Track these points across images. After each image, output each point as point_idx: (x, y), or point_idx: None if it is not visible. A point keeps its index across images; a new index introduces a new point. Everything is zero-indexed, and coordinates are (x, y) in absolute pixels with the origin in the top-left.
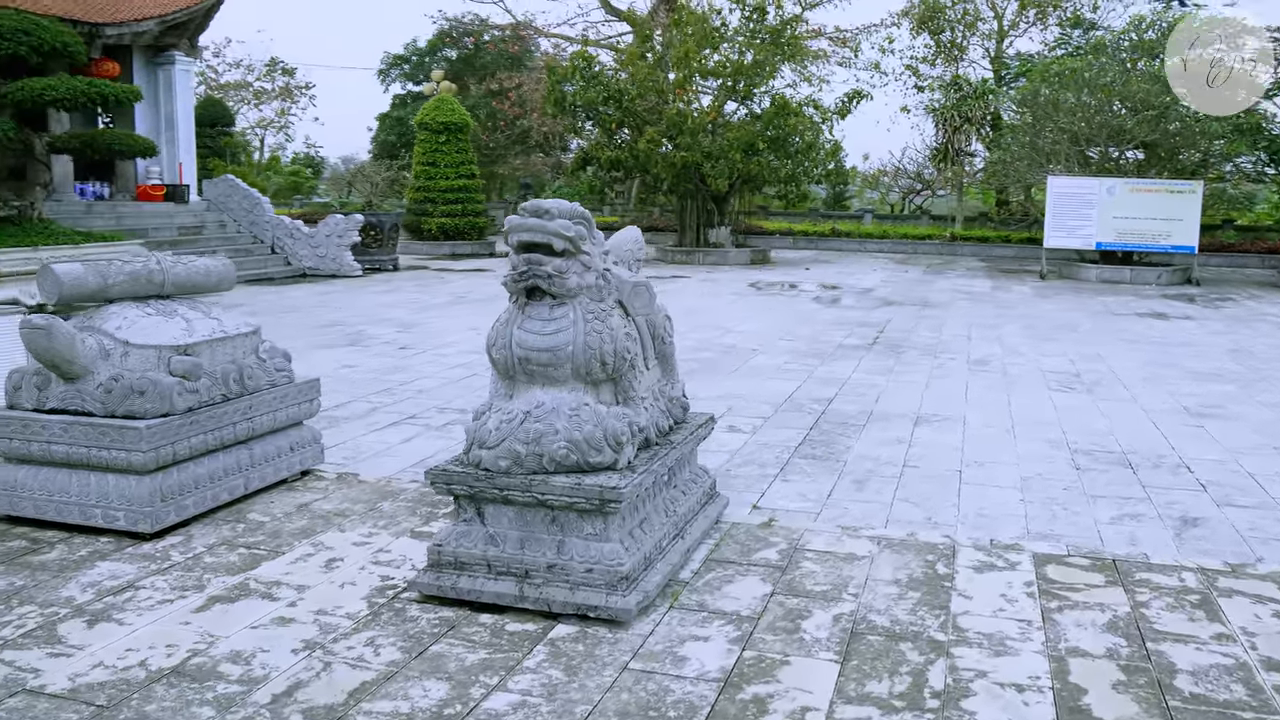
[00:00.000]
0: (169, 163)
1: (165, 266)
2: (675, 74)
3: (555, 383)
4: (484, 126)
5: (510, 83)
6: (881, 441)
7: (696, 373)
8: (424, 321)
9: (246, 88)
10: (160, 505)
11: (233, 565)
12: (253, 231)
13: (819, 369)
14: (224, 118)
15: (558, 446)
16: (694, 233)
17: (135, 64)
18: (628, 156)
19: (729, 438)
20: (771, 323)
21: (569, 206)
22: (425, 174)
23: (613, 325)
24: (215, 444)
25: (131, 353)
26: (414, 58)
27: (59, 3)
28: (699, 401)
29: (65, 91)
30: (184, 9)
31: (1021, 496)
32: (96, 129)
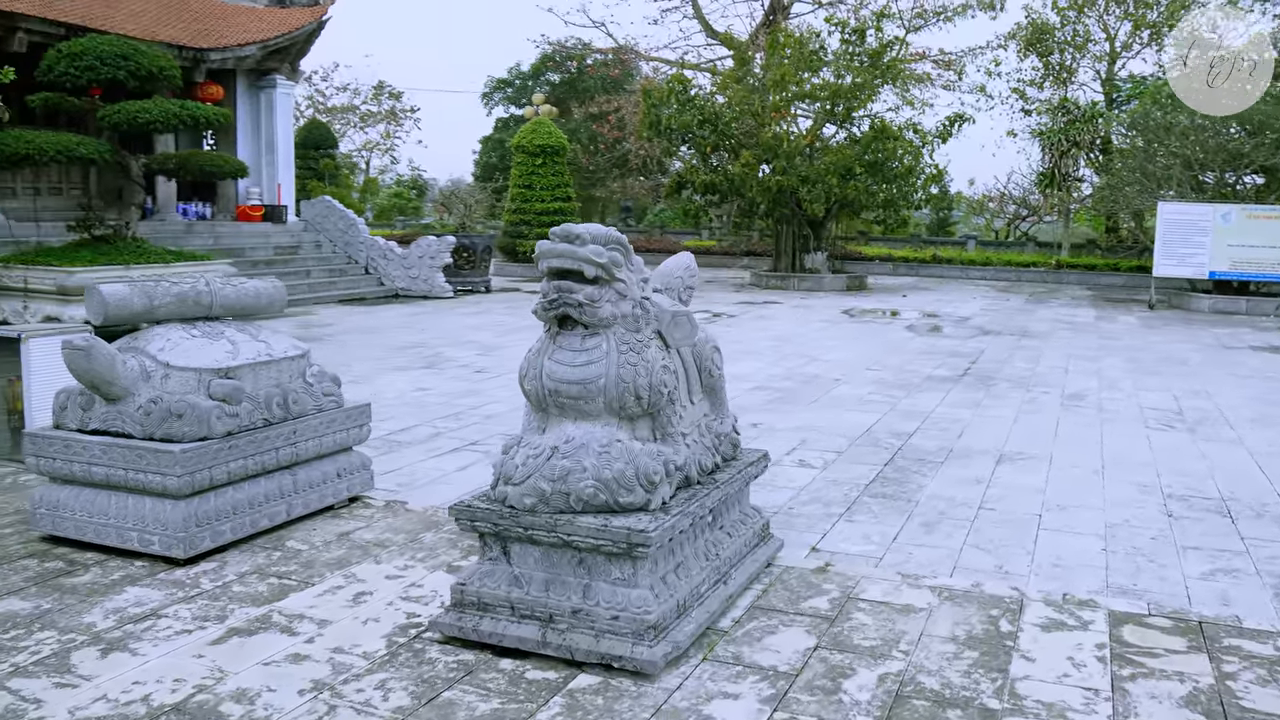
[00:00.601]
0: (268, 184)
1: (214, 288)
2: (771, 97)
3: (587, 416)
4: (585, 150)
5: (609, 106)
6: (958, 481)
7: (774, 403)
8: (505, 345)
9: (353, 111)
10: (195, 530)
11: (259, 596)
12: (347, 252)
13: (903, 401)
14: (327, 140)
15: (585, 485)
16: (790, 258)
17: (239, 87)
18: (722, 180)
19: (798, 473)
20: (860, 352)
21: (602, 231)
22: (521, 196)
23: (649, 357)
24: (256, 469)
25: (172, 375)
26: (517, 81)
27: (166, 29)
28: (772, 434)
29: (159, 114)
30: (285, 34)
31: (1104, 545)
32: (190, 151)
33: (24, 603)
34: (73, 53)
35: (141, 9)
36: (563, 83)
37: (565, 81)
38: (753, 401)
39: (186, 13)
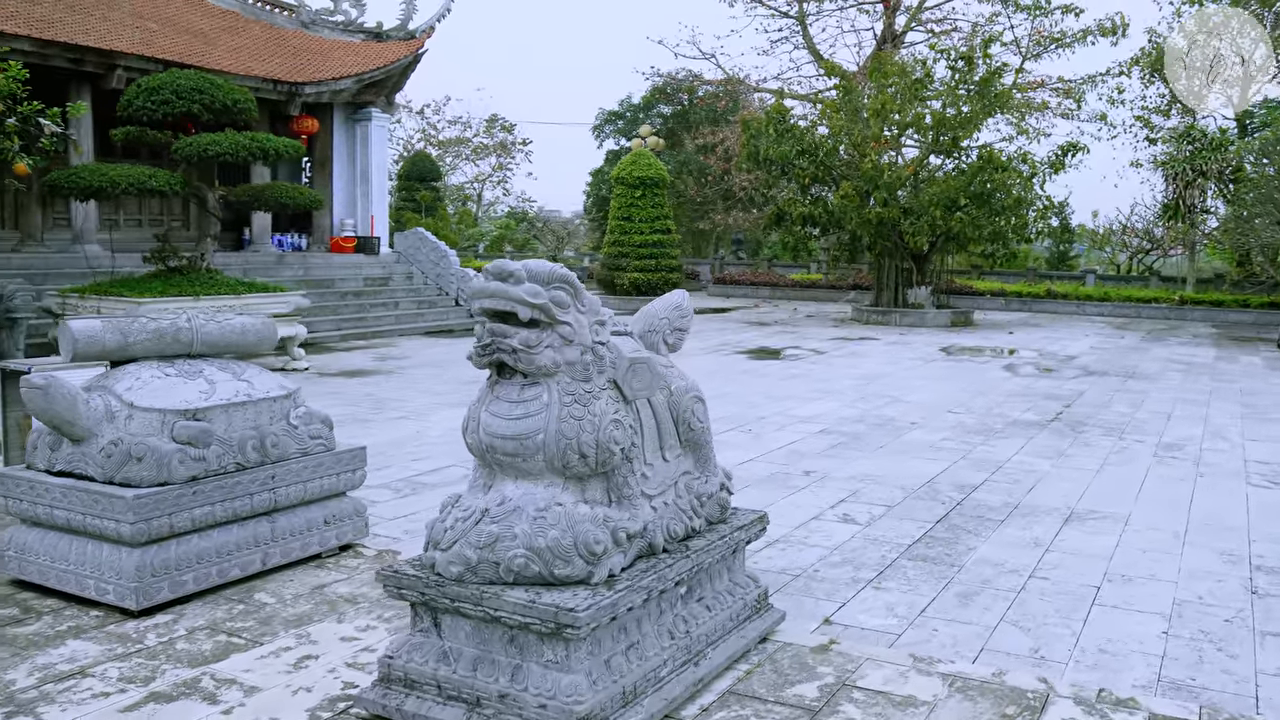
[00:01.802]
0: (363, 215)
1: (195, 325)
2: (872, 126)
3: (528, 475)
4: (696, 181)
5: (714, 138)
6: (1014, 543)
7: (837, 448)
8: None
9: (465, 144)
10: (150, 581)
11: (199, 655)
12: (439, 284)
13: (977, 449)
14: (431, 172)
15: (515, 554)
16: (892, 292)
17: (335, 120)
18: (821, 212)
19: (837, 529)
20: (945, 392)
21: (545, 268)
22: (620, 228)
23: (596, 410)
24: (225, 516)
25: (135, 416)
26: (628, 114)
27: (262, 64)
28: (823, 484)
29: (228, 146)
30: (380, 68)
31: (1166, 627)
32: (265, 183)
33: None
34: (150, 87)
35: (240, 45)
36: (674, 115)
37: (676, 114)
38: (814, 446)
39: (284, 48)
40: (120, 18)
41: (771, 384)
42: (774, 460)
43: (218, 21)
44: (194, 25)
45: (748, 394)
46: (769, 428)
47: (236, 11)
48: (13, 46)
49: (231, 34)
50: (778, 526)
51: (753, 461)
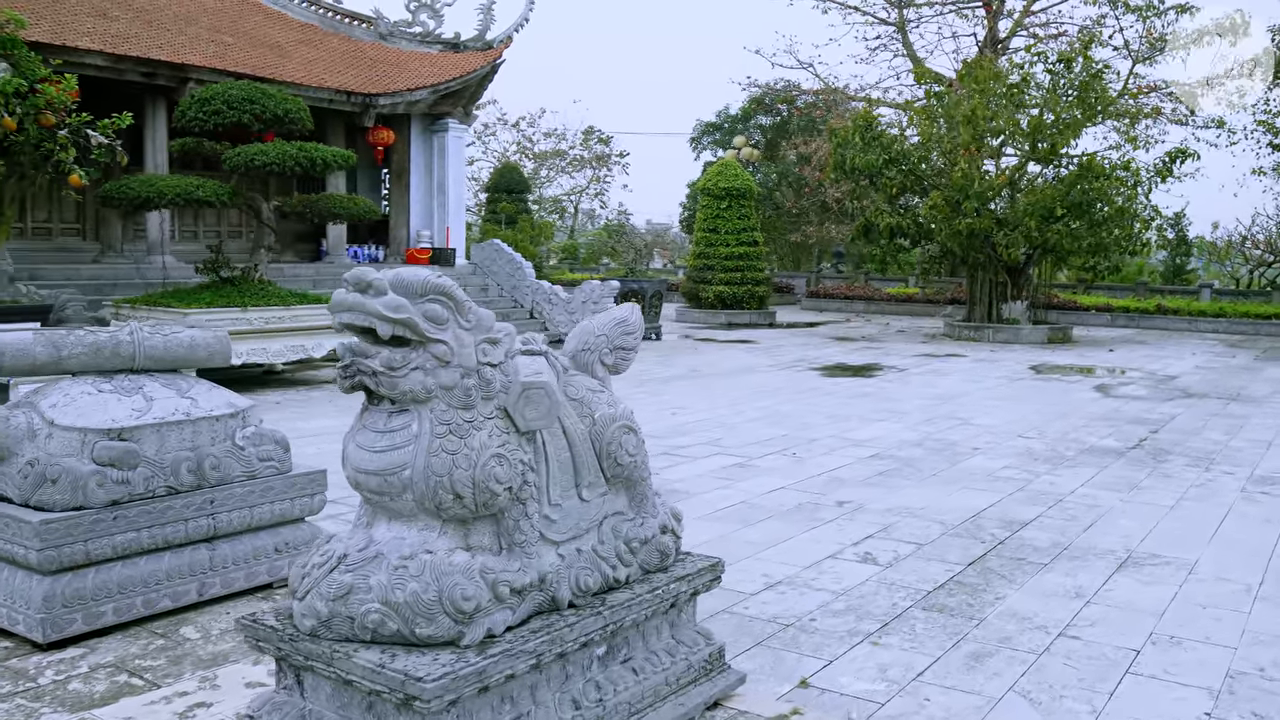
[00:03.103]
0: (439, 227)
1: (138, 338)
2: (962, 133)
3: (399, 516)
4: (796, 193)
5: (807, 148)
6: (1051, 592)
7: (884, 475)
8: (629, 397)
9: (561, 156)
10: (61, 612)
11: (87, 698)
12: (514, 296)
13: (1039, 479)
14: (519, 184)
15: (369, 609)
16: (986, 307)
17: (413, 131)
18: (910, 223)
19: (852, 570)
20: (1021, 415)
21: (416, 278)
22: (706, 240)
23: (475, 444)
24: (154, 543)
25: (55, 434)
26: (726, 125)
27: (337, 76)
28: (854, 516)
29: (275, 156)
30: (456, 78)
31: (1210, 707)
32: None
33: None
34: (202, 98)
35: (316, 58)
36: (773, 126)
37: (775, 125)
38: (858, 473)
39: (360, 60)
40: (197, 32)
41: (836, 403)
42: (808, 488)
43: (295, 35)
44: (271, 39)
45: (806, 414)
46: (817, 451)
47: (315, 25)
48: (86, 61)
49: (308, 47)
50: (785, 566)
51: (783, 490)
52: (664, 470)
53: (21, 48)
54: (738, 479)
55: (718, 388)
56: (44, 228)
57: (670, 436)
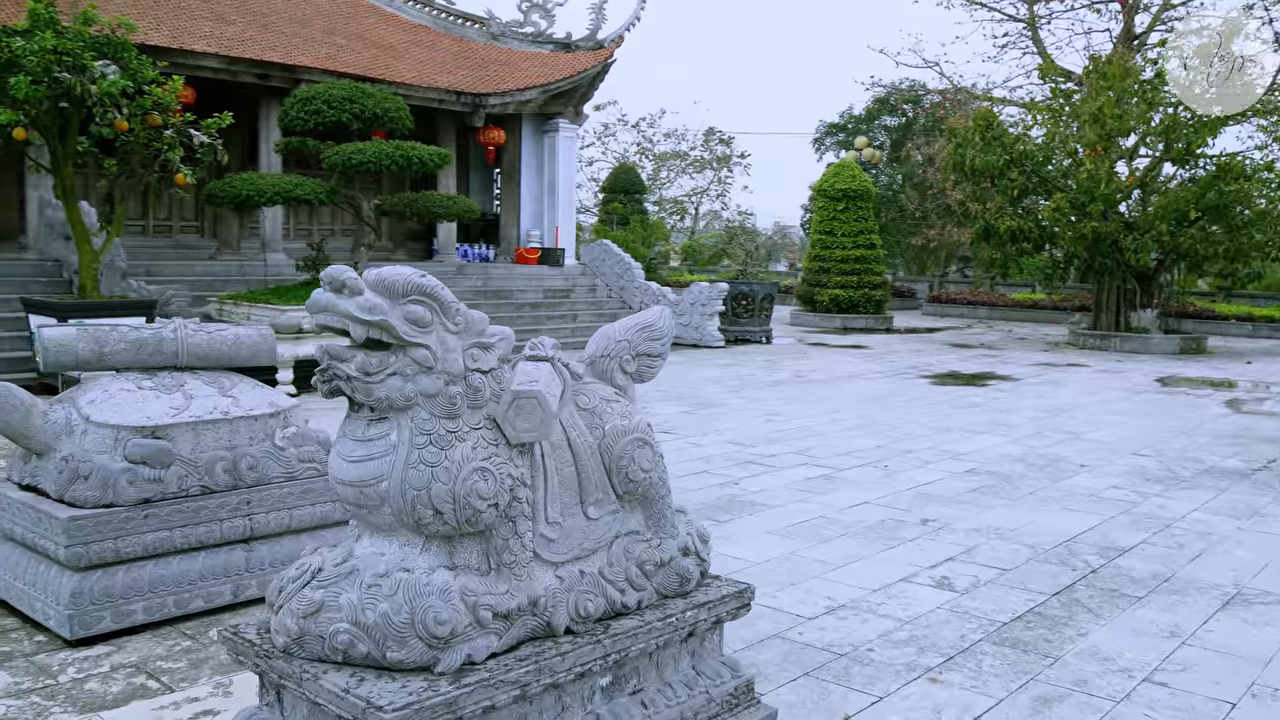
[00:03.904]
0: (548, 226)
1: (181, 335)
2: (1088, 132)
3: (381, 530)
4: (921, 195)
5: (930, 149)
6: (1142, 630)
7: (977, 492)
8: (724, 402)
9: (682, 157)
10: (89, 609)
11: (99, 700)
12: (622, 297)
13: (1148, 501)
14: (636, 185)
15: (337, 629)
16: (1112, 315)
17: (524, 131)
18: (1031, 226)
19: (924, 596)
20: (1139, 430)
21: (399, 277)
22: (821, 243)
23: (456, 457)
24: (187, 543)
25: (90, 430)
26: (849, 125)
27: (446, 76)
28: (936, 536)
29: (371, 155)
30: (567, 78)
31: None
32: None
33: None
34: (304, 98)
35: (427, 58)
36: (897, 126)
37: (900, 125)
38: (950, 489)
39: (471, 60)
40: (310, 34)
41: (940, 413)
42: (894, 504)
43: (408, 36)
44: (383, 40)
45: (907, 424)
46: (910, 464)
47: (428, 26)
48: (202, 64)
49: (420, 48)
50: (852, 588)
51: (865, 505)
52: (744, 480)
53: (132, 51)
54: (820, 491)
55: (819, 394)
56: (164, 225)
57: (759, 444)
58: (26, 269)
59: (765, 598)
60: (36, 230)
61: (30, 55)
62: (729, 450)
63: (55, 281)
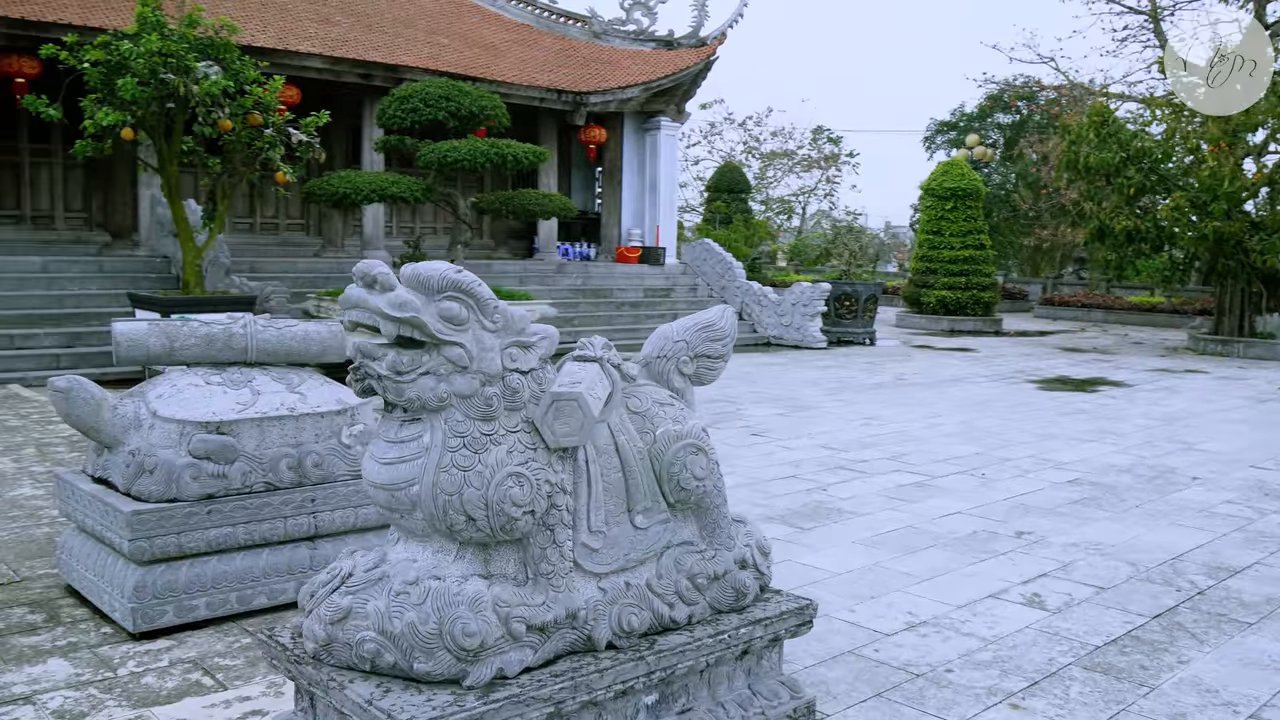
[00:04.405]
0: (649, 225)
1: (250, 331)
2: (1210, 128)
3: (415, 536)
4: (1033, 194)
5: (1044, 147)
6: (1251, 659)
7: (1079, 504)
8: (820, 405)
9: (789, 156)
10: (152, 603)
11: (153, 695)
12: (722, 296)
13: (1265, 518)
14: (740, 184)
15: (363, 637)
16: (1236, 319)
17: (625, 129)
18: (1149, 226)
19: (1012, 614)
20: (1259, 441)
21: (434, 273)
22: (928, 243)
23: (489, 461)
24: (251, 540)
25: (157, 425)
26: (961, 123)
27: (547, 75)
28: (1031, 549)
29: (466, 153)
30: (669, 75)
31: None
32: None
33: None
34: (401, 96)
35: (529, 57)
36: (1011, 124)
37: (1014, 123)
38: (1048, 500)
39: (573, 59)
40: (414, 34)
41: (1045, 420)
42: (987, 514)
43: (510, 35)
44: (486, 39)
45: (1009, 430)
46: (1008, 473)
47: (530, 25)
48: (306, 64)
49: (522, 46)
50: (936, 603)
51: (958, 514)
52: (832, 486)
53: (234, 51)
54: (911, 499)
55: (919, 398)
56: (271, 223)
57: (852, 449)
58: (138, 265)
59: (843, 611)
60: (148, 227)
61: (137, 57)
62: (820, 455)
63: (164, 277)
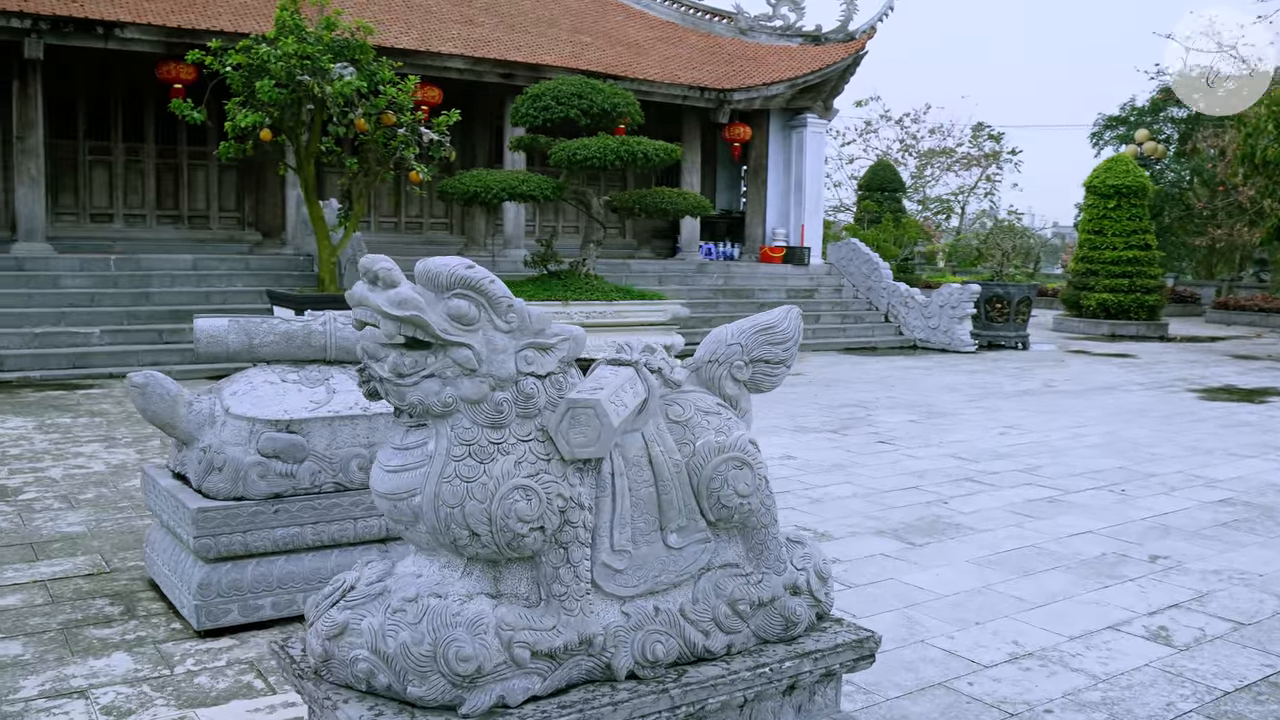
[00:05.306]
0: (794, 225)
1: (330, 329)
2: None
3: (425, 549)
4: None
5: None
6: None
7: (1228, 526)
8: (957, 412)
9: (947, 154)
10: (216, 601)
11: (203, 695)
12: (869, 298)
13: None
14: (893, 183)
15: (357, 655)
16: None
17: (772, 126)
18: None
19: (1132, 649)
20: None
21: (443, 269)
22: (1090, 243)
23: (495, 472)
24: (319, 540)
25: (229, 422)
26: (1132, 118)
27: (690, 72)
28: (1167, 577)
29: (596, 151)
30: (815, 71)
31: None
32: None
33: (22, 649)
34: (534, 95)
35: (672, 55)
36: (1185, 119)
37: (1189, 117)
38: (1193, 521)
39: (718, 56)
40: (556, 34)
41: (1203, 433)
42: (1121, 535)
43: (655, 33)
44: (629, 37)
45: (1159, 443)
46: (1152, 489)
47: (674, 22)
48: (448, 65)
49: (666, 44)
50: (1046, 633)
51: (1087, 534)
52: (955, 499)
53: (369, 53)
54: (1038, 516)
55: (1066, 406)
56: (415, 222)
57: (984, 460)
58: (283, 263)
59: (940, 638)
60: (294, 226)
61: (275, 60)
62: (947, 465)
63: (306, 275)
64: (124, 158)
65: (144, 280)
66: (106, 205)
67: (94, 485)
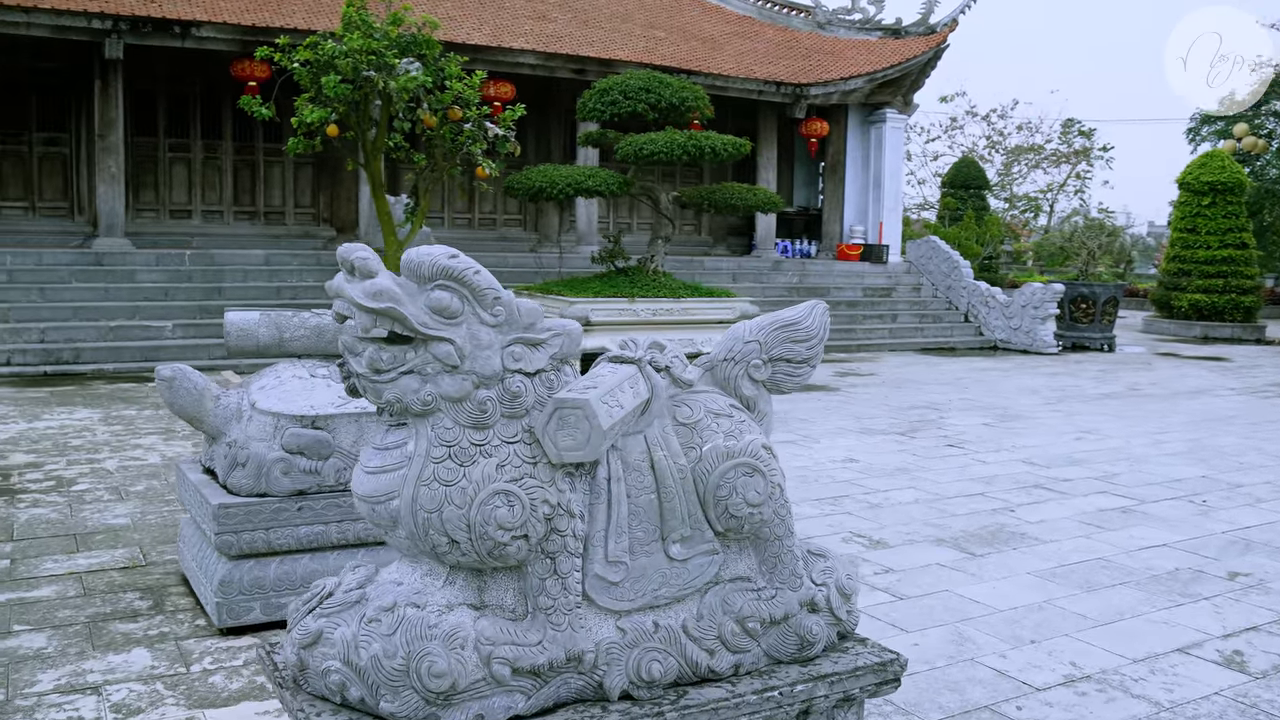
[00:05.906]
0: (872, 222)
1: None
2: None
3: (406, 555)
4: None
5: None
6: None
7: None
8: (1033, 415)
9: (1037, 151)
10: (238, 599)
11: (215, 696)
12: (948, 297)
13: None
14: (976, 180)
15: (329, 667)
16: None
17: (850, 122)
18: None
19: (1204, 674)
20: None
21: (425, 260)
22: (1182, 241)
23: (475, 475)
24: (344, 539)
25: (255, 417)
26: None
27: (767, 67)
28: (1249, 593)
29: (662, 145)
30: (894, 66)
31: None
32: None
33: (46, 642)
34: (601, 89)
35: (748, 49)
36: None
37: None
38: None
39: (794, 50)
40: (630, 29)
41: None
42: (1199, 549)
43: (730, 27)
44: (704, 32)
45: (1247, 451)
46: (1237, 500)
47: (751, 17)
48: (520, 60)
49: (741, 38)
50: (1109, 654)
51: (1162, 548)
52: (1022, 507)
53: (435, 48)
54: (1109, 527)
55: (1149, 411)
56: (489, 219)
57: (1055, 466)
58: None
59: (992, 656)
60: (367, 222)
61: (341, 56)
62: (1017, 471)
63: None
64: (202, 155)
65: (217, 275)
66: (185, 201)
67: (146, 478)
